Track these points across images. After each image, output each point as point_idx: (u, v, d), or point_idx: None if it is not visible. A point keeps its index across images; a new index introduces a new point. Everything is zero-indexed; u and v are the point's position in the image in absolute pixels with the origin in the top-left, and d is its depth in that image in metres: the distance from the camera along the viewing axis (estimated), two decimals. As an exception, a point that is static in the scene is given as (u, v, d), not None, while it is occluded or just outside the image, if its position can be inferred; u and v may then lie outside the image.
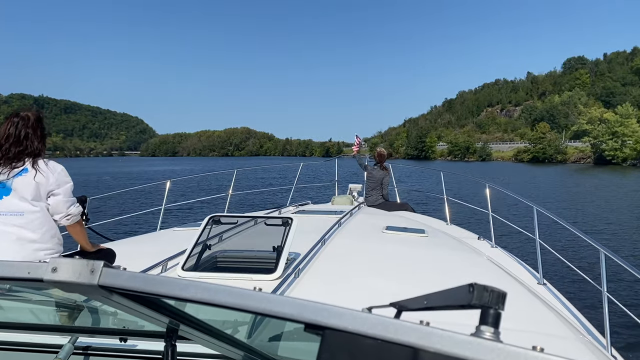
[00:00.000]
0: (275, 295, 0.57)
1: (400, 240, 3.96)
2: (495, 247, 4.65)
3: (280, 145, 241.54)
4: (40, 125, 2.65)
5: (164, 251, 3.14)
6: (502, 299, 0.52)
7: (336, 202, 7.17)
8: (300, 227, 2.97)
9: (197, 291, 0.59)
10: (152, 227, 7.24)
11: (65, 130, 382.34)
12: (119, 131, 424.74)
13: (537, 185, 34.86)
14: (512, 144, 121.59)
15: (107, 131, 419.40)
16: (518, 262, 4.15)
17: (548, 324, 2.38)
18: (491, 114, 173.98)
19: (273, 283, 2.46)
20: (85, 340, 1.63)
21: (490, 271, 3.35)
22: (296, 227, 2.90)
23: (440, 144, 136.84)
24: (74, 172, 3.02)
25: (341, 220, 4.55)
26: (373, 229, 4.41)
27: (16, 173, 2.49)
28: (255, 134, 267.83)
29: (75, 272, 0.60)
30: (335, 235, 3.91)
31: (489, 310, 0.51)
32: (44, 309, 1.54)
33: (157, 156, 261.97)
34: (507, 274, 3.34)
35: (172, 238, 4.14)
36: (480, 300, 0.52)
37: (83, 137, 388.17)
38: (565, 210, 19.55)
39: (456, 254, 3.79)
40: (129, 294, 0.63)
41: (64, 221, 2.64)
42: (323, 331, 0.52)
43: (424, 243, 3.96)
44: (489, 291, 0.52)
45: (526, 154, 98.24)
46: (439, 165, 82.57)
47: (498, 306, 0.52)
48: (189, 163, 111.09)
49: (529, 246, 8.62)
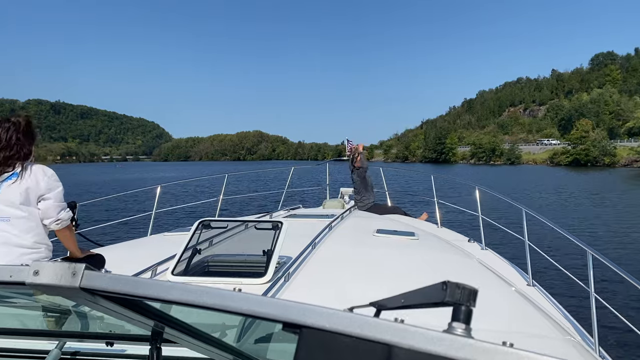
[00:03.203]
0: (255, 296, 0.57)
1: (390, 243, 4.00)
2: (485, 249, 4.66)
3: (292, 149, 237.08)
4: (30, 130, 2.64)
5: (154, 256, 3.17)
6: (473, 296, 0.53)
7: (327, 205, 7.31)
8: (291, 231, 3.00)
9: (177, 292, 0.59)
10: (143, 232, 6.23)
11: (81, 136, 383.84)
12: (135, 136, 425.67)
13: (599, 200, 24.64)
14: (545, 144, 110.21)
15: (123, 136, 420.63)
16: (508, 264, 4.16)
17: (537, 325, 2.45)
18: (514, 114, 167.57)
19: (263, 287, 2.49)
20: (72, 345, 1.62)
21: (480, 273, 3.41)
22: (286, 231, 2.92)
23: (461, 145, 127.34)
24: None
25: (332, 223, 4.60)
26: (364, 232, 4.45)
27: (5, 178, 2.49)
28: (268, 138, 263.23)
29: (57, 275, 0.60)
30: (326, 239, 3.94)
31: (460, 307, 0.52)
32: (31, 314, 1.55)
33: (169, 161, 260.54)
34: (497, 276, 3.39)
35: (162, 243, 4.19)
36: (452, 298, 0.52)
37: (99, 142, 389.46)
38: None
39: (446, 257, 3.85)
40: (112, 297, 0.63)
41: (53, 226, 2.61)
42: (300, 330, 0.53)
43: (414, 246, 4.00)
44: (460, 288, 0.53)
45: (564, 156, 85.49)
46: (461, 170, 74.63)
47: (469, 303, 0.52)
48: (186, 169, 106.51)
49: (518, 248, 7.28)
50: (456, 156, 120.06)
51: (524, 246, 4.01)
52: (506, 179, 47.29)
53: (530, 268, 3.71)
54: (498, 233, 8.42)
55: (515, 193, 28.93)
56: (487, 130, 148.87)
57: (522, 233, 4.16)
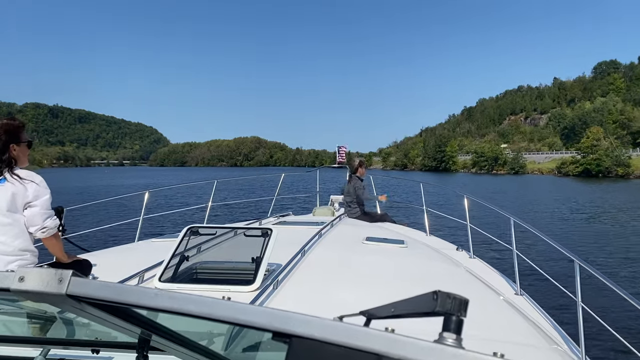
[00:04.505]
0: (244, 304, 0.57)
1: (380, 251, 4.03)
2: (473, 257, 4.66)
3: (290, 155, 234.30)
4: (16, 134, 2.62)
5: (141, 262, 3.15)
6: (464, 306, 0.52)
7: (317, 213, 7.23)
8: (281, 238, 2.97)
9: (165, 300, 0.58)
10: (130, 238, 6.02)
11: (79, 140, 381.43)
12: (133, 141, 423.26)
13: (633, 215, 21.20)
14: (551, 153, 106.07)
15: (121, 141, 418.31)
16: (496, 273, 4.16)
17: (524, 334, 2.46)
18: (515, 122, 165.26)
19: (251, 294, 2.47)
20: (57, 352, 1.60)
21: (468, 282, 3.44)
22: (276, 238, 2.89)
23: (461, 154, 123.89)
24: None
25: (322, 231, 4.61)
26: (353, 240, 4.45)
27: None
28: (266, 144, 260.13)
29: (43, 281, 0.59)
30: (316, 246, 3.94)
31: (451, 317, 0.52)
32: (15, 320, 1.54)
33: (165, 166, 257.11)
34: (485, 285, 3.42)
35: (150, 249, 4.13)
36: (443, 307, 0.52)
37: (97, 147, 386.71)
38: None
39: (435, 265, 3.86)
40: (99, 304, 0.62)
41: (39, 234, 2.59)
42: (290, 339, 0.52)
43: (403, 254, 4.03)
44: (451, 298, 0.52)
45: (573, 166, 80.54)
46: (462, 179, 71.03)
47: (460, 313, 0.52)
48: (174, 175, 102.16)
49: (506, 257, 8.53)
50: (457, 165, 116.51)
51: (512, 255, 3.98)
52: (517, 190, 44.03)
53: (518, 277, 3.68)
54: (486, 242, 8.32)
55: (529, 205, 26.18)
56: (487, 138, 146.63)
57: (510, 242, 4.15)
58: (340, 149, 10.83)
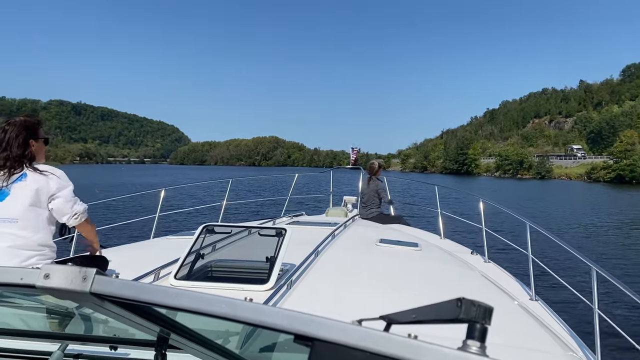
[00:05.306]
0: (266, 306, 0.57)
1: (393, 254, 3.99)
2: (488, 262, 4.62)
3: (308, 156, 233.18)
4: (35, 131, 2.65)
5: (156, 259, 3.19)
6: (489, 314, 0.52)
7: (330, 213, 7.20)
8: (294, 238, 2.99)
9: (190, 300, 0.58)
10: (146, 235, 6.08)
11: (101, 137, 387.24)
12: (155, 139, 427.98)
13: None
14: (580, 158, 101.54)
15: (142, 139, 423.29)
16: (511, 278, 4.11)
17: (539, 341, 2.45)
18: (539, 126, 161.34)
19: (265, 294, 2.49)
20: (75, 347, 1.62)
21: (483, 286, 3.41)
22: (290, 238, 2.90)
23: (484, 157, 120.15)
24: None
25: (335, 232, 4.60)
26: (367, 242, 4.44)
27: (15, 179, 2.50)
28: (284, 144, 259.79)
29: (68, 279, 0.60)
30: (329, 247, 3.94)
31: (475, 325, 0.51)
32: (34, 315, 1.56)
33: (185, 164, 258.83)
34: (500, 289, 3.38)
35: (165, 246, 4.16)
36: (467, 315, 0.52)
37: (119, 144, 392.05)
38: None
39: (449, 268, 3.84)
40: (121, 302, 0.63)
41: (72, 221, 2.64)
42: (312, 342, 0.53)
43: (417, 257, 3.99)
44: (476, 306, 0.52)
45: (605, 171, 76.93)
46: (486, 183, 68.01)
47: (485, 321, 0.51)
48: (188, 174, 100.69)
49: (521, 262, 8.00)
50: (479, 168, 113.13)
51: (527, 260, 3.92)
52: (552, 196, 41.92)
53: (533, 282, 3.62)
54: (501, 246, 8.24)
55: (577, 217, 24.19)
56: (510, 141, 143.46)
57: (525, 247, 4.10)
58: (353, 150, 11.00)
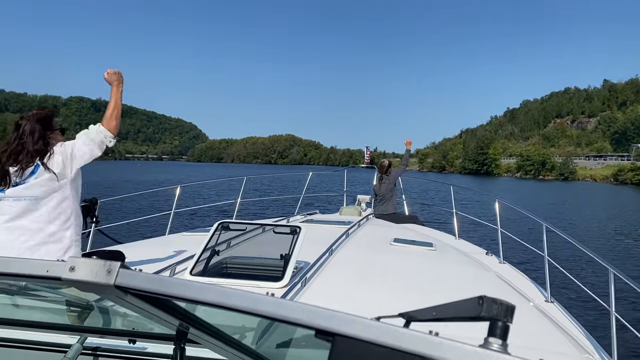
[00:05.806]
0: (288, 301, 0.58)
1: (408, 253, 3.98)
2: (503, 262, 4.58)
3: (324, 154, 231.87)
4: (49, 122, 2.66)
5: (172, 255, 3.28)
6: (510, 312, 0.53)
7: (344, 212, 7.19)
8: (308, 237, 3.00)
9: (212, 294, 0.59)
10: (161, 231, 6.21)
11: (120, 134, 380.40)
12: (173, 136, 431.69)
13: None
14: (606, 159, 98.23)
15: (161, 136, 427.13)
16: (526, 279, 4.08)
17: (555, 342, 2.45)
18: (560, 126, 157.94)
19: (280, 291, 2.50)
20: (94, 340, 1.65)
21: (498, 287, 3.41)
22: (304, 236, 2.91)
23: (504, 157, 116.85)
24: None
25: (349, 230, 4.58)
26: (381, 241, 4.43)
27: (29, 172, 2.52)
28: (301, 142, 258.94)
29: (93, 271, 0.61)
30: (343, 245, 3.93)
31: (497, 323, 0.52)
32: (54, 307, 1.57)
33: (202, 162, 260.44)
34: (515, 290, 3.37)
35: (181, 243, 4.19)
36: (489, 313, 0.52)
37: (137, 141, 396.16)
38: None
39: (464, 269, 3.83)
40: (143, 295, 0.64)
41: (103, 134, 2.65)
42: (333, 338, 0.53)
43: (431, 256, 3.97)
44: (498, 304, 0.52)
45: (633, 173, 73.89)
46: (507, 184, 65.89)
47: (507, 319, 0.52)
48: (197, 171, 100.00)
49: (537, 263, 8.22)
50: (500, 168, 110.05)
51: (543, 261, 3.90)
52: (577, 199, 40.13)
53: (549, 284, 3.58)
54: (517, 247, 8.10)
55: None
56: (531, 141, 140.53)
57: (541, 248, 4.06)
58: (368, 149, 10.93)
